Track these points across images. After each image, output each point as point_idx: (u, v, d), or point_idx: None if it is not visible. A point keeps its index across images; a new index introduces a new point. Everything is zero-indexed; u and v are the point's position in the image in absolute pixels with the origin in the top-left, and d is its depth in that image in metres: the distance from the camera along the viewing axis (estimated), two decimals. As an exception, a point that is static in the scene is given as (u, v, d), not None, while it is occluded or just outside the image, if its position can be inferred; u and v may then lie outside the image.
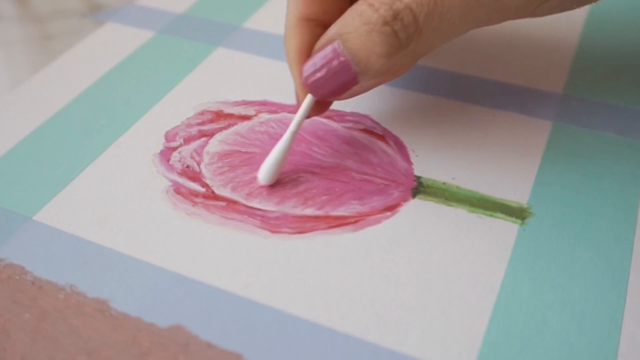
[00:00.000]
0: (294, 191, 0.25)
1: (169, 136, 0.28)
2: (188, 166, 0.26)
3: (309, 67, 0.23)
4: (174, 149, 0.27)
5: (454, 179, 0.26)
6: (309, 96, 0.24)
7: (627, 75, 0.31)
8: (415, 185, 0.25)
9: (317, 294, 0.22)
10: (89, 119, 0.29)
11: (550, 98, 0.30)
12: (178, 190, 0.25)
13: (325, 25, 0.24)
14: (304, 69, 0.24)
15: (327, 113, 0.29)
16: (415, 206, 0.25)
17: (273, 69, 0.32)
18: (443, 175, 0.26)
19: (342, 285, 0.22)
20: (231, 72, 0.32)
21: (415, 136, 0.28)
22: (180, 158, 0.27)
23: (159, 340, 0.21)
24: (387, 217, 0.24)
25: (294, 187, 0.25)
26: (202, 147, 0.27)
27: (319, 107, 0.25)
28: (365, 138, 0.27)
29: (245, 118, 0.29)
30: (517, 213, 0.24)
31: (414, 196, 0.25)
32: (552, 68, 0.31)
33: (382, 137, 0.27)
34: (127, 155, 0.27)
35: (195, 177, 0.26)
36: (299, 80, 0.24)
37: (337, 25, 0.23)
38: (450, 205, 0.25)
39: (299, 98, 0.25)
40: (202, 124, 0.29)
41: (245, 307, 0.21)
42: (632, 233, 0.23)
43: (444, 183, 0.25)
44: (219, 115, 0.29)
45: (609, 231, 0.23)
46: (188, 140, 0.28)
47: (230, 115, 0.29)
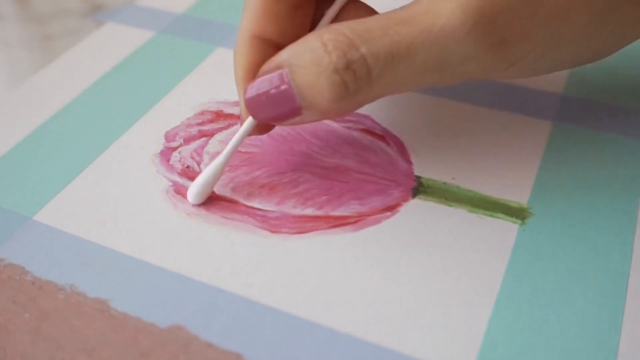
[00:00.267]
0: (294, 191, 0.25)
1: (169, 136, 0.28)
2: (188, 166, 0.26)
3: (253, 89, 0.22)
4: (174, 149, 0.27)
5: (454, 179, 0.26)
6: (250, 118, 0.24)
7: (627, 75, 0.31)
8: (415, 185, 0.25)
9: (317, 294, 0.22)
10: (89, 119, 0.29)
11: (550, 98, 0.30)
12: (178, 190, 0.25)
13: (278, 46, 0.24)
14: (248, 90, 0.23)
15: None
16: (415, 206, 0.25)
17: (273, 69, 0.32)
18: (443, 175, 0.26)
19: (342, 285, 0.22)
20: (231, 72, 0.32)
21: (415, 136, 0.28)
22: (180, 158, 0.27)
23: (159, 340, 0.21)
24: (387, 217, 0.24)
25: (294, 187, 0.25)
26: (202, 147, 0.27)
27: (263, 127, 0.25)
28: (365, 138, 0.27)
29: (245, 118, 0.29)
30: (517, 213, 0.24)
31: (414, 196, 0.25)
32: (552, 68, 0.31)
33: (382, 137, 0.27)
34: (127, 155, 0.27)
35: (195, 177, 0.26)
36: (243, 100, 0.23)
37: (287, 52, 0.22)
38: (450, 205, 0.25)
39: (242, 117, 0.24)
40: (202, 124, 0.29)
41: (245, 307, 0.21)
42: (632, 233, 0.23)
43: (444, 183, 0.25)
44: (219, 115, 0.29)
45: (609, 231, 0.23)
46: (188, 140, 0.28)
47: (230, 115, 0.29)
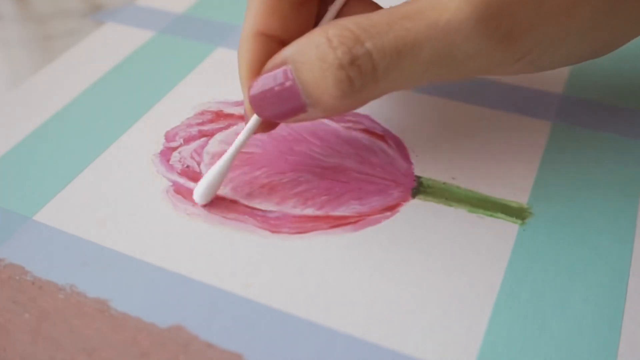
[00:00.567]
0: (294, 191, 0.25)
1: (169, 136, 0.28)
2: (188, 166, 0.26)
3: (257, 86, 0.22)
4: (174, 149, 0.27)
5: (454, 179, 0.26)
6: (255, 116, 0.23)
7: (627, 75, 0.31)
8: (415, 185, 0.25)
9: (317, 294, 0.22)
10: (89, 119, 0.29)
11: (550, 98, 0.30)
12: (178, 190, 0.25)
13: (282, 42, 0.23)
14: (252, 87, 0.22)
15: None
16: (415, 206, 0.25)
17: (273, 69, 0.32)
18: (443, 175, 0.26)
19: (342, 285, 0.22)
20: (231, 72, 0.32)
21: (415, 136, 0.28)
22: (180, 158, 0.27)
23: (159, 340, 0.21)
24: (387, 217, 0.24)
25: (294, 187, 0.25)
26: (202, 147, 0.27)
27: (267, 125, 0.24)
28: (365, 138, 0.27)
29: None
30: (517, 213, 0.24)
31: (414, 196, 0.25)
32: (552, 68, 0.31)
33: (382, 137, 0.27)
34: (127, 155, 0.27)
35: (195, 177, 0.26)
36: (248, 97, 0.23)
37: (292, 48, 0.21)
38: (450, 205, 0.25)
39: (247, 115, 0.24)
40: (202, 124, 0.29)
41: (245, 307, 0.21)
42: (632, 233, 0.23)
43: (444, 183, 0.25)
44: (219, 115, 0.29)
45: (609, 231, 0.23)
46: (188, 140, 0.28)
47: (230, 115, 0.29)
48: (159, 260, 0.23)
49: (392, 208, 0.24)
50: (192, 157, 0.27)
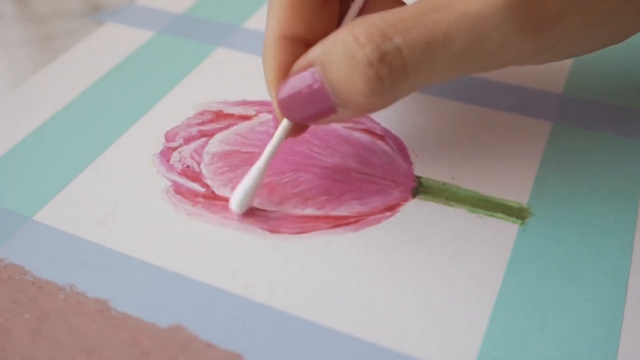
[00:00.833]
0: (294, 191, 0.25)
1: (169, 136, 0.28)
2: (188, 166, 0.26)
3: (285, 90, 0.22)
4: (174, 149, 0.27)
5: (454, 179, 0.26)
6: (285, 120, 0.23)
7: (627, 75, 0.31)
8: (415, 185, 0.25)
9: (317, 294, 0.22)
10: (89, 119, 0.29)
11: (550, 98, 0.30)
12: (178, 190, 0.25)
13: (307, 44, 0.23)
14: (280, 91, 0.22)
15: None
16: (415, 206, 0.25)
17: (273, 69, 0.32)
18: (443, 175, 0.26)
19: (342, 285, 0.22)
20: (231, 72, 0.32)
21: (415, 136, 0.28)
22: (180, 158, 0.27)
23: (159, 340, 0.21)
24: (387, 217, 0.24)
25: (294, 187, 0.25)
26: (202, 147, 0.27)
27: (298, 128, 0.24)
28: (365, 138, 0.27)
29: (245, 118, 0.29)
30: (517, 213, 0.24)
31: (414, 196, 0.25)
32: (552, 68, 0.31)
33: (382, 137, 0.27)
34: (127, 155, 0.27)
35: (195, 177, 0.26)
36: (276, 102, 0.23)
37: (318, 49, 0.21)
38: (450, 205, 0.25)
39: (276, 119, 0.24)
40: (202, 124, 0.29)
41: (245, 307, 0.21)
42: (632, 233, 0.23)
43: (444, 183, 0.25)
44: (219, 115, 0.29)
45: (609, 231, 0.23)
46: (188, 140, 0.28)
47: (230, 115, 0.29)
48: (159, 260, 0.23)
49: (392, 208, 0.24)
50: (192, 157, 0.27)
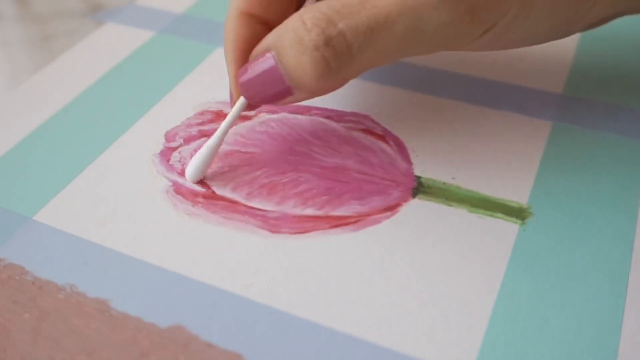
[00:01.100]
0: (294, 191, 0.25)
1: (169, 136, 0.28)
2: (188, 166, 0.26)
3: (245, 73, 0.23)
4: (174, 149, 0.27)
5: (454, 179, 0.26)
6: (242, 99, 0.24)
7: (627, 75, 0.31)
8: (415, 185, 0.25)
9: (317, 294, 0.22)
10: (89, 119, 0.29)
11: (550, 98, 0.30)
12: (178, 190, 0.25)
13: (266, 22, 0.24)
14: (240, 75, 0.24)
15: (327, 113, 0.29)
16: (415, 206, 0.25)
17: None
18: (443, 175, 0.26)
19: (342, 285, 0.22)
20: (231, 72, 0.32)
21: (415, 136, 0.28)
22: (180, 158, 0.27)
23: (159, 340, 0.21)
24: (387, 217, 0.24)
25: (294, 187, 0.25)
26: (202, 147, 0.27)
27: (252, 104, 0.25)
28: (365, 138, 0.27)
29: (245, 118, 0.29)
30: (517, 213, 0.24)
31: (414, 196, 0.25)
32: (552, 68, 0.31)
33: (382, 137, 0.27)
34: (127, 155, 0.27)
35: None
36: (234, 79, 0.24)
37: (273, 35, 0.22)
38: (450, 205, 0.25)
39: (232, 95, 0.25)
40: (202, 124, 0.29)
41: (245, 307, 0.21)
42: (632, 233, 0.23)
43: (444, 183, 0.25)
44: (219, 115, 0.29)
45: (609, 231, 0.23)
46: (188, 140, 0.28)
47: (230, 115, 0.29)
48: (159, 260, 0.23)
49: (392, 208, 0.24)
50: (192, 157, 0.27)
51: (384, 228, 0.24)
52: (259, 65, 0.23)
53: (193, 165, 0.25)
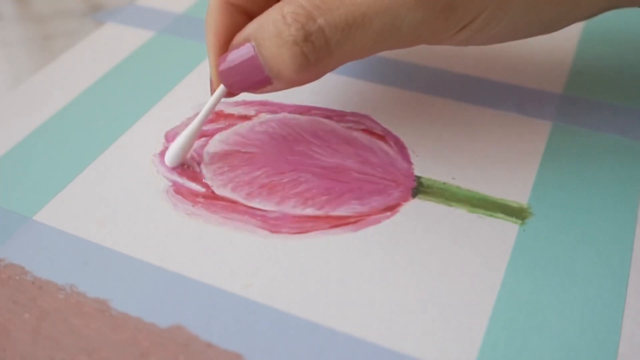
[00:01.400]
0: (294, 191, 0.25)
1: (169, 136, 0.28)
2: (188, 166, 0.26)
3: (225, 62, 0.24)
4: (174, 149, 0.27)
5: (454, 179, 0.26)
6: (222, 86, 0.25)
7: (627, 75, 0.31)
8: (415, 185, 0.25)
9: (317, 294, 0.22)
10: (89, 119, 0.29)
11: (550, 98, 0.30)
12: (178, 190, 0.25)
13: (248, 12, 0.25)
14: (220, 64, 0.24)
15: (327, 113, 0.29)
16: (415, 206, 0.25)
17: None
18: (443, 175, 0.26)
19: (342, 285, 0.22)
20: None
21: (415, 136, 0.28)
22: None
23: (159, 340, 0.21)
24: (387, 217, 0.24)
25: (294, 187, 0.25)
26: (202, 147, 0.27)
27: (231, 92, 0.26)
28: (365, 138, 0.27)
29: (245, 118, 0.29)
30: (517, 213, 0.24)
31: (414, 196, 0.25)
32: (552, 68, 0.31)
33: (382, 137, 0.27)
34: (127, 155, 0.27)
35: (195, 177, 0.26)
36: (215, 68, 0.25)
37: (254, 25, 0.23)
38: (450, 205, 0.25)
39: (212, 83, 0.26)
40: (202, 124, 0.29)
41: (245, 307, 0.21)
42: (632, 233, 0.23)
43: (444, 183, 0.25)
44: (219, 115, 0.29)
45: (609, 231, 0.23)
46: (188, 140, 0.28)
47: (230, 115, 0.29)
48: (159, 260, 0.23)
49: (392, 208, 0.24)
50: (192, 157, 0.27)
51: (384, 228, 0.24)
52: (238, 55, 0.23)
53: (172, 150, 0.26)
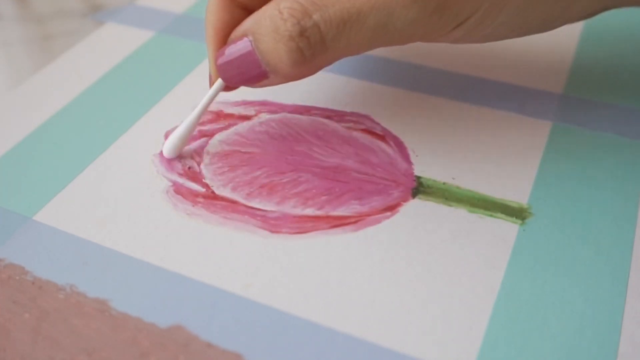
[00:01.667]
0: (294, 191, 0.25)
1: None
2: (188, 167, 0.26)
3: (223, 56, 0.24)
4: (174, 149, 0.27)
5: (454, 179, 0.26)
6: (220, 80, 0.25)
7: (627, 75, 0.31)
8: (415, 185, 0.25)
9: (317, 294, 0.22)
10: (89, 119, 0.29)
11: (550, 98, 0.30)
12: (178, 190, 0.25)
13: (246, 7, 0.25)
14: (218, 58, 0.24)
15: (327, 113, 0.29)
16: (415, 206, 0.25)
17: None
18: (443, 175, 0.26)
19: (342, 285, 0.22)
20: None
21: (415, 136, 0.28)
22: (181, 158, 0.27)
23: (159, 340, 0.21)
24: (387, 217, 0.24)
25: (294, 187, 0.25)
26: (202, 147, 0.27)
27: (229, 86, 0.26)
28: (365, 138, 0.27)
29: (245, 118, 0.29)
30: (517, 213, 0.24)
31: (414, 196, 0.25)
32: (552, 68, 0.31)
33: (382, 137, 0.27)
34: (127, 155, 0.27)
35: (196, 177, 0.26)
36: (214, 62, 0.25)
37: (251, 20, 0.23)
38: (450, 205, 0.25)
39: (211, 77, 0.26)
40: (202, 124, 0.29)
41: (245, 307, 0.21)
42: (632, 233, 0.23)
43: (444, 183, 0.25)
44: (219, 115, 0.29)
45: (609, 231, 0.23)
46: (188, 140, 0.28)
47: (230, 115, 0.29)
48: (159, 260, 0.23)
49: (392, 208, 0.24)
50: (192, 157, 0.27)
51: (384, 228, 0.24)
52: (236, 49, 0.24)
53: (170, 141, 0.26)
